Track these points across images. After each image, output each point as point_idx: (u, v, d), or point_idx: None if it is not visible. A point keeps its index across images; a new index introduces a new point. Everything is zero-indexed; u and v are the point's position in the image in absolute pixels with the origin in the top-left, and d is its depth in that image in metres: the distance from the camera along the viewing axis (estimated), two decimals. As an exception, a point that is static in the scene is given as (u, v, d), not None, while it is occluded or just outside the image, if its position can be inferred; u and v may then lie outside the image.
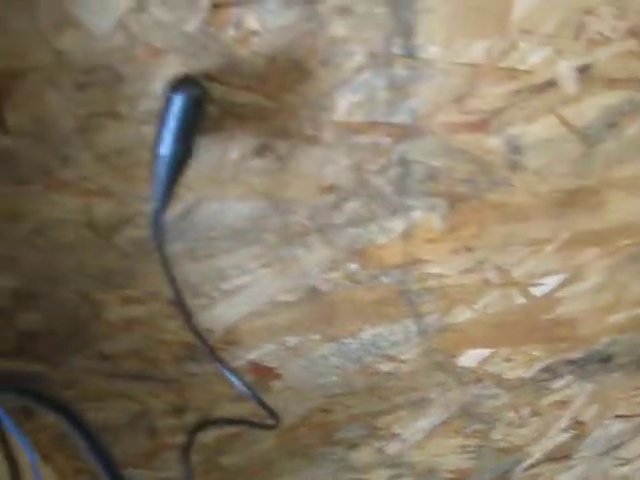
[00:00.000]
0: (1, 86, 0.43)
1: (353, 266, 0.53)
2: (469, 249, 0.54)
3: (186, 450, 0.54)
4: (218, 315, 0.54)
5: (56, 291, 0.52)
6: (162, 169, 0.41)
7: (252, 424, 0.58)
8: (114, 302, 0.53)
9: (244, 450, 0.64)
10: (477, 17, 0.45)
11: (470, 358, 0.61)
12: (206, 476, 0.64)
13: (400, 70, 0.46)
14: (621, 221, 0.58)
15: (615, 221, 0.58)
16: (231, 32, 0.43)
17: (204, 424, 0.59)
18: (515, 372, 0.62)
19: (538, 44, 0.46)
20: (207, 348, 0.52)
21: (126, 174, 0.47)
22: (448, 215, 0.52)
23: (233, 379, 0.53)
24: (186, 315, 0.49)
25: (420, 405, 0.63)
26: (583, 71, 0.48)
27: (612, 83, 0.50)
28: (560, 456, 0.71)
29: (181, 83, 0.40)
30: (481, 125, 0.49)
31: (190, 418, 0.60)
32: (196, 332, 0.50)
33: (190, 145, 0.41)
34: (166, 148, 0.41)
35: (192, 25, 0.42)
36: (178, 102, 0.40)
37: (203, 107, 0.41)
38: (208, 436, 0.62)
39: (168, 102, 0.40)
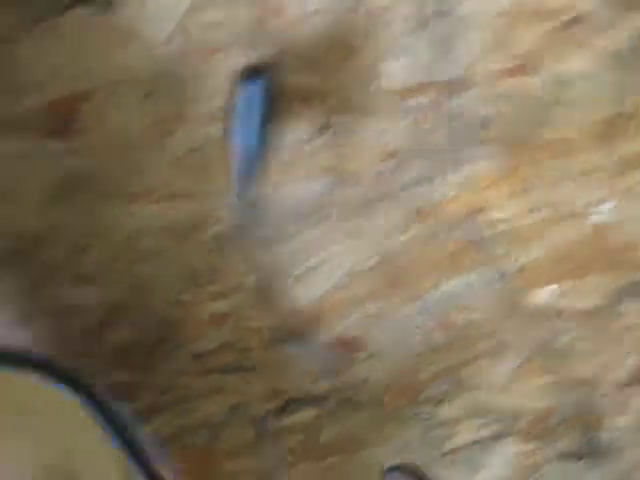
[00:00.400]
0: (69, 108, 0.46)
1: (422, 225, 0.56)
2: (527, 189, 0.56)
3: (276, 433, 0.56)
4: (299, 296, 0.57)
5: (145, 300, 0.55)
6: (243, 158, 0.44)
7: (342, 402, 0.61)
8: (201, 301, 0.56)
9: (338, 424, 0.66)
10: (503, -34, 0.47)
11: (542, 295, 0.63)
12: (307, 454, 0.67)
13: (438, 29, 0.48)
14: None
15: (654, 142, 0.60)
16: (279, 20, 0.46)
17: (290, 405, 0.62)
18: (586, 302, 0.64)
19: (563, -19, 0.49)
20: (293, 331, 0.54)
21: (200, 173, 0.49)
22: (503, 160, 0.54)
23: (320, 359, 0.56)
24: (272, 300, 0.52)
25: (499, 351, 0.65)
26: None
27: (635, 6, 0.52)
28: (638, 379, 0.73)
29: (249, 73, 0.43)
30: (521, 69, 0.51)
31: (286, 401, 0.63)
32: (283, 315, 0.53)
33: (266, 131, 0.44)
34: (244, 137, 0.43)
35: (243, 18, 0.45)
36: (250, 91, 0.42)
37: (272, 93, 0.43)
38: (304, 415, 0.64)
39: (240, 92, 0.42)
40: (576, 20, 0.51)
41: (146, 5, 0.43)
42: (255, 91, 0.42)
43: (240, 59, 0.45)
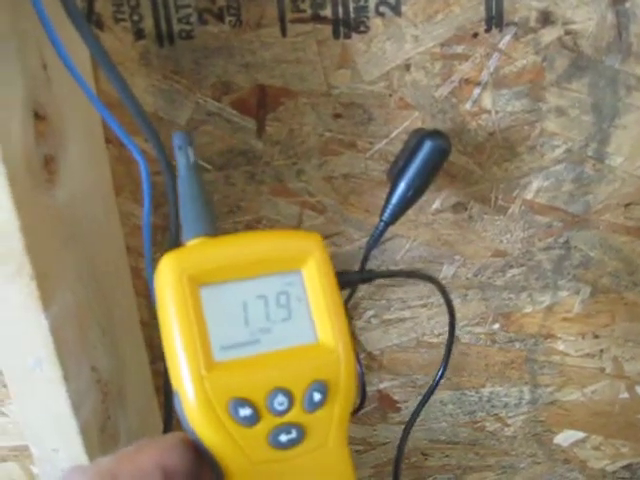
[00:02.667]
0: (272, 99, 0.52)
1: (496, 326, 0.61)
2: (596, 336, 0.61)
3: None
4: (368, 340, 0.61)
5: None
6: (397, 197, 0.49)
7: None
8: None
9: None
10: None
11: (565, 438, 0.67)
12: None
13: (588, 169, 0.55)
14: None
15: None
16: (468, 106, 0.52)
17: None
18: (600, 463, 0.68)
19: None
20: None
21: (344, 197, 0.55)
22: (588, 301, 0.60)
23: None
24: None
25: (508, 471, 0.68)
26: None
27: None
28: None
29: (431, 134, 0.49)
30: (638, 231, 0.57)
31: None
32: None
33: (425, 187, 0.50)
34: (406, 182, 0.49)
35: (441, 92, 0.52)
36: (429, 148, 0.48)
37: (444, 160, 0.49)
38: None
39: (420, 145, 0.48)
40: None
41: (373, 46, 0.50)
42: (432, 149, 0.48)
43: (419, 122, 0.52)
